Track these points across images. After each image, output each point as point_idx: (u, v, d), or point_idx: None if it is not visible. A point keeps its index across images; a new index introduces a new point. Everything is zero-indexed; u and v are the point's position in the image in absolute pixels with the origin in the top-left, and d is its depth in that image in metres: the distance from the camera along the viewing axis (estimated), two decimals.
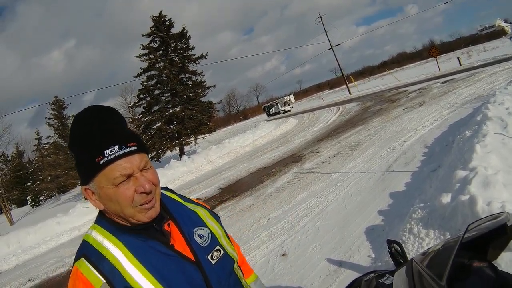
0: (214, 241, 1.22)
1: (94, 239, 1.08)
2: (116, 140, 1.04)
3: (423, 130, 9.42)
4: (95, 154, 1.01)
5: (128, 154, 1.04)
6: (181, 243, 1.13)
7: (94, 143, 1.03)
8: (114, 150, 1.02)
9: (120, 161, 1.02)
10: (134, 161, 1.05)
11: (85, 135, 1.05)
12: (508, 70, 16.11)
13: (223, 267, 1.19)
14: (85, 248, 1.07)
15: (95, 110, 1.11)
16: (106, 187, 1.03)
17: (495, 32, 70.00)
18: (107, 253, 1.03)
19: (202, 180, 14.55)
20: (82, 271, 1.01)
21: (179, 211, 1.24)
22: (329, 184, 7.52)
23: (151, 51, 25.08)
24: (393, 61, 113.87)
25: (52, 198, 42.76)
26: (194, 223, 1.23)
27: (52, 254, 10.76)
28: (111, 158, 1.01)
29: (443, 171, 5.41)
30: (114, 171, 1.01)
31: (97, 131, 1.04)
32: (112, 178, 1.01)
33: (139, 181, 1.05)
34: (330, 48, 47.27)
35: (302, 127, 22.41)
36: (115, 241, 1.06)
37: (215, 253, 1.19)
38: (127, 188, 1.03)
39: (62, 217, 14.30)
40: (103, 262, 1.01)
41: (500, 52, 29.70)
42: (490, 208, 3.05)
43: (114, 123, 1.10)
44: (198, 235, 1.19)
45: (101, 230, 1.10)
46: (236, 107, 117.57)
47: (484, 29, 75.66)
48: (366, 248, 4.36)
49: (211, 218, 1.32)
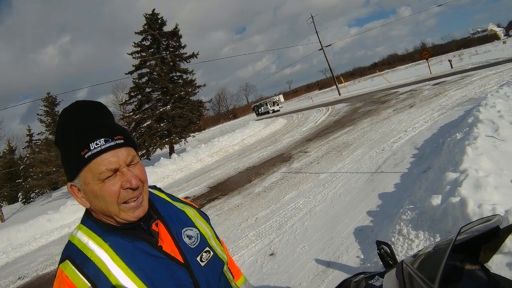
0: (203, 242, 1.19)
1: (79, 240, 1.04)
2: (102, 133, 1.00)
3: (413, 131, 9.45)
4: (80, 147, 0.98)
5: (114, 147, 1.01)
6: (170, 244, 1.10)
7: (79, 136, 0.99)
8: (100, 143, 0.98)
9: (106, 154, 0.99)
10: (121, 155, 1.02)
11: (71, 128, 1.02)
12: (499, 74, 16.31)
13: (213, 269, 1.16)
14: (70, 249, 1.03)
15: (82, 105, 1.08)
16: (92, 182, 0.99)
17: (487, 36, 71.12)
18: (92, 255, 0.99)
19: (191, 179, 14.49)
20: (67, 274, 0.97)
21: (167, 210, 1.20)
22: (318, 184, 7.50)
23: (143, 48, 25.07)
24: (384, 63, 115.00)
25: (43, 195, 42.59)
26: (183, 223, 1.19)
27: (42, 251, 10.63)
28: (96, 151, 0.98)
29: (433, 172, 5.41)
30: (100, 165, 0.98)
31: (83, 125, 1.01)
32: (97, 173, 0.98)
33: (125, 176, 1.02)
34: (321, 48, 47.45)
35: (291, 127, 22.44)
36: (100, 242, 1.02)
37: (204, 254, 1.16)
38: (113, 184, 0.99)
39: (53, 215, 14.19)
40: (88, 264, 0.98)
41: (492, 56, 30.09)
42: (481, 210, 3.04)
43: (100, 117, 1.07)
44: (187, 235, 1.16)
45: (87, 230, 1.05)
46: (226, 106, 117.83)
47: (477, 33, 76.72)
48: (355, 249, 4.33)
49: (200, 218, 1.29)
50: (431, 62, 37.57)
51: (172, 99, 25.37)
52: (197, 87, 27.03)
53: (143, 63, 24.88)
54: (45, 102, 26.12)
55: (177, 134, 25.26)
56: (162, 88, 25.33)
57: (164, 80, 24.69)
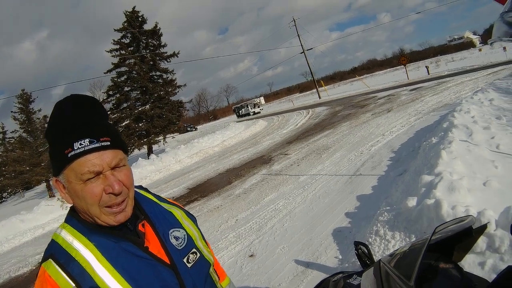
0: (190, 243, 1.17)
1: (64, 239, 1.01)
2: (87, 133, 0.98)
3: (390, 135, 9.64)
4: (64, 145, 0.96)
5: (99, 149, 0.97)
6: (156, 244, 1.08)
7: (65, 134, 0.97)
8: (84, 144, 0.96)
9: (90, 155, 0.96)
10: (106, 158, 0.98)
11: (59, 123, 1.00)
12: (474, 80, 16.80)
13: (199, 271, 1.15)
14: (53, 248, 1.00)
15: (75, 99, 1.05)
16: (74, 182, 0.97)
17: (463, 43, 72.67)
18: (77, 254, 0.97)
19: (170, 180, 14.38)
20: (50, 273, 0.94)
21: (154, 211, 1.18)
22: (298, 186, 7.57)
23: (122, 46, 24.63)
24: (363, 67, 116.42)
25: (16, 195, 41.38)
26: (170, 224, 1.17)
27: (15, 253, 10.38)
28: (79, 152, 0.95)
29: (409, 175, 5.53)
30: (82, 166, 0.95)
31: (70, 122, 0.99)
32: (79, 174, 0.95)
33: (108, 180, 0.98)
34: (302, 52, 47.74)
35: (271, 129, 22.51)
36: (85, 242, 0.99)
37: (191, 256, 1.14)
38: (95, 186, 0.97)
39: (26, 215, 13.86)
40: (72, 264, 0.95)
41: (467, 63, 30.84)
42: (455, 212, 3.14)
43: (91, 115, 1.04)
44: (174, 236, 1.14)
45: (71, 229, 1.03)
46: (206, 107, 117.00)
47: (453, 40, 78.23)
48: (333, 250, 4.40)
49: (187, 219, 1.27)
50: (409, 68, 38.23)
51: (152, 99, 25.03)
52: (178, 87, 26.72)
53: (122, 61, 24.42)
54: (19, 99, 25.35)
55: (156, 134, 24.97)
56: (141, 87, 24.96)
57: (144, 79, 24.35)
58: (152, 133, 24.74)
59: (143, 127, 24.51)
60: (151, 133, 24.70)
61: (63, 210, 13.75)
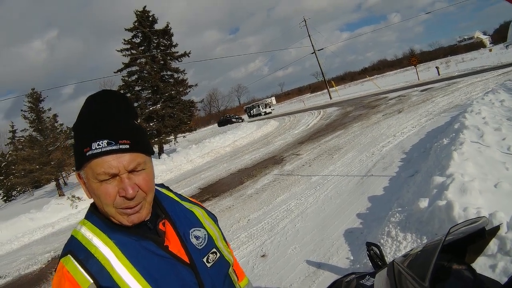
0: (210, 243, 1.17)
1: (83, 236, 1.01)
2: (107, 134, 0.96)
3: (401, 136, 9.60)
4: (84, 143, 0.96)
5: (116, 151, 0.96)
6: (176, 244, 1.08)
7: (86, 132, 0.98)
8: (101, 145, 0.95)
9: (107, 157, 0.95)
10: (123, 161, 0.97)
11: (83, 120, 1.01)
12: (485, 81, 16.59)
13: (218, 271, 1.15)
14: (72, 244, 1.01)
15: (105, 95, 1.06)
16: (91, 180, 0.98)
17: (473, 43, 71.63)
18: (96, 251, 0.97)
19: (181, 180, 14.44)
20: (68, 269, 0.94)
21: (175, 210, 1.18)
22: (309, 186, 7.58)
23: (133, 46, 24.70)
24: (373, 68, 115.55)
25: (25, 193, 41.68)
26: (190, 223, 1.17)
27: (24, 251, 10.47)
28: (96, 153, 0.95)
29: (420, 176, 5.52)
30: (98, 167, 0.95)
31: (93, 119, 0.99)
32: (95, 173, 0.95)
33: (122, 183, 0.97)
34: (313, 52, 47.57)
35: (283, 129, 22.49)
36: (105, 239, 0.99)
37: (211, 255, 1.14)
38: (110, 187, 0.97)
39: (36, 213, 13.95)
40: (91, 260, 0.95)
41: (477, 63, 30.42)
42: (466, 213, 3.15)
43: (115, 114, 1.02)
44: (194, 236, 1.14)
45: (91, 226, 1.03)
46: (217, 107, 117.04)
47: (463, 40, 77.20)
48: (345, 250, 4.42)
49: (208, 218, 1.27)
50: (419, 68, 37.82)
51: (162, 98, 25.07)
52: (189, 86, 26.72)
53: (133, 60, 24.51)
54: (29, 98, 25.54)
55: (167, 134, 25.03)
56: (152, 87, 25.01)
57: (155, 78, 24.40)
58: (163, 133, 24.78)
59: (154, 126, 24.57)
60: (162, 133, 24.75)
61: (73, 209, 13.89)
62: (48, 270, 7.63)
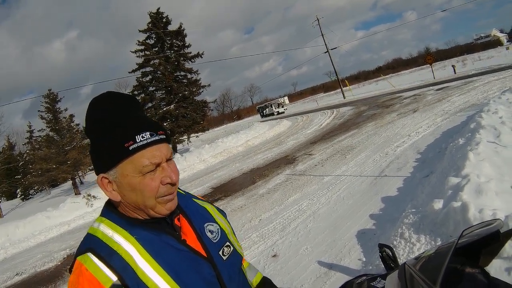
0: (224, 237, 1.20)
1: (103, 233, 1.01)
2: (147, 126, 1.01)
3: (416, 136, 9.48)
4: (125, 138, 0.98)
5: (158, 142, 1.01)
6: (193, 238, 1.11)
7: (124, 127, 0.99)
8: (146, 136, 0.99)
9: (151, 148, 0.99)
10: (164, 150, 1.03)
11: (112, 118, 1.01)
12: (502, 80, 16.29)
13: (233, 264, 1.18)
14: (92, 242, 1.00)
15: (118, 96, 1.08)
16: (131, 175, 0.99)
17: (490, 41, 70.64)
18: (119, 248, 0.97)
19: (194, 179, 14.52)
20: (88, 267, 0.94)
21: (189, 205, 1.22)
22: (322, 186, 7.54)
23: (147, 47, 25.02)
24: (388, 67, 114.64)
25: (42, 192, 42.45)
26: (204, 218, 1.21)
27: (40, 248, 10.62)
28: (142, 144, 0.98)
29: (435, 177, 5.44)
30: (144, 159, 0.98)
31: (127, 116, 1.02)
32: (140, 166, 0.98)
33: (166, 171, 1.02)
34: (326, 51, 47.37)
35: (295, 129, 22.44)
36: (126, 235, 1.00)
37: (225, 249, 1.17)
38: (153, 179, 1.00)
39: (52, 212, 14.14)
40: (115, 257, 0.95)
41: (494, 62, 29.97)
42: (482, 215, 3.08)
43: (139, 110, 1.09)
44: (208, 230, 1.17)
45: (110, 223, 1.04)
46: (230, 107, 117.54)
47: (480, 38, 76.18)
48: (357, 252, 4.37)
49: (219, 214, 1.31)
50: (435, 67, 37.46)
51: (176, 99, 25.33)
52: (202, 87, 26.97)
53: (147, 61, 24.81)
54: (46, 99, 26.03)
55: (180, 133, 25.21)
56: (166, 87, 25.31)
57: (168, 79, 24.66)
58: (177, 133, 25.02)
59: (168, 126, 24.81)
60: (176, 133, 24.98)
61: (89, 208, 14.06)
62: (64, 268, 7.74)
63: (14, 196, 48.37)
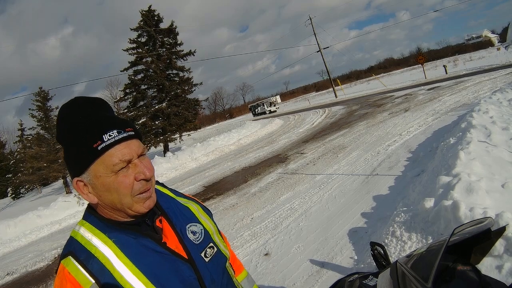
0: (207, 238, 1.19)
1: (83, 237, 1.02)
2: (114, 124, 1.01)
3: (407, 135, 9.54)
4: (92, 139, 0.97)
5: (127, 138, 1.01)
6: (174, 240, 1.10)
7: (91, 129, 0.99)
8: (113, 135, 0.98)
9: (119, 146, 0.99)
10: (133, 146, 1.02)
11: (80, 122, 1.01)
12: (493, 80, 16.44)
13: (216, 265, 1.17)
14: (72, 245, 1.02)
15: (85, 100, 1.07)
16: (104, 175, 0.99)
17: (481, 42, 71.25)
18: (96, 251, 0.99)
19: (186, 177, 14.47)
20: (70, 270, 0.96)
21: (171, 206, 1.20)
22: (313, 185, 7.55)
23: (138, 45, 24.84)
24: (380, 66, 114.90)
25: (33, 191, 42.08)
26: (187, 219, 1.19)
27: (32, 247, 10.52)
28: (110, 143, 0.98)
29: (426, 176, 5.47)
30: (113, 157, 0.98)
31: (94, 118, 1.02)
32: (111, 165, 0.97)
33: (138, 167, 1.02)
34: (319, 50, 47.44)
35: (287, 128, 22.44)
36: (104, 238, 1.01)
37: (208, 250, 1.16)
38: (126, 176, 0.99)
39: (43, 210, 13.99)
40: (92, 260, 0.97)
41: (486, 62, 30.18)
42: (473, 213, 3.10)
43: (107, 111, 1.08)
44: (191, 231, 1.16)
45: (90, 226, 1.05)
46: (222, 105, 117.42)
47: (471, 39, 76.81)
48: (349, 250, 4.38)
49: (203, 213, 1.29)
50: (426, 67, 37.71)
51: (168, 97, 25.18)
52: (194, 85, 26.82)
53: (139, 59, 24.64)
54: (37, 97, 25.84)
55: (172, 132, 25.11)
56: (158, 86, 25.14)
57: (160, 77, 24.50)
58: (169, 131, 24.89)
59: (160, 125, 24.69)
60: (168, 131, 24.85)
61: (80, 206, 13.94)
62: (55, 267, 7.65)
63: (5, 195, 47.89)
